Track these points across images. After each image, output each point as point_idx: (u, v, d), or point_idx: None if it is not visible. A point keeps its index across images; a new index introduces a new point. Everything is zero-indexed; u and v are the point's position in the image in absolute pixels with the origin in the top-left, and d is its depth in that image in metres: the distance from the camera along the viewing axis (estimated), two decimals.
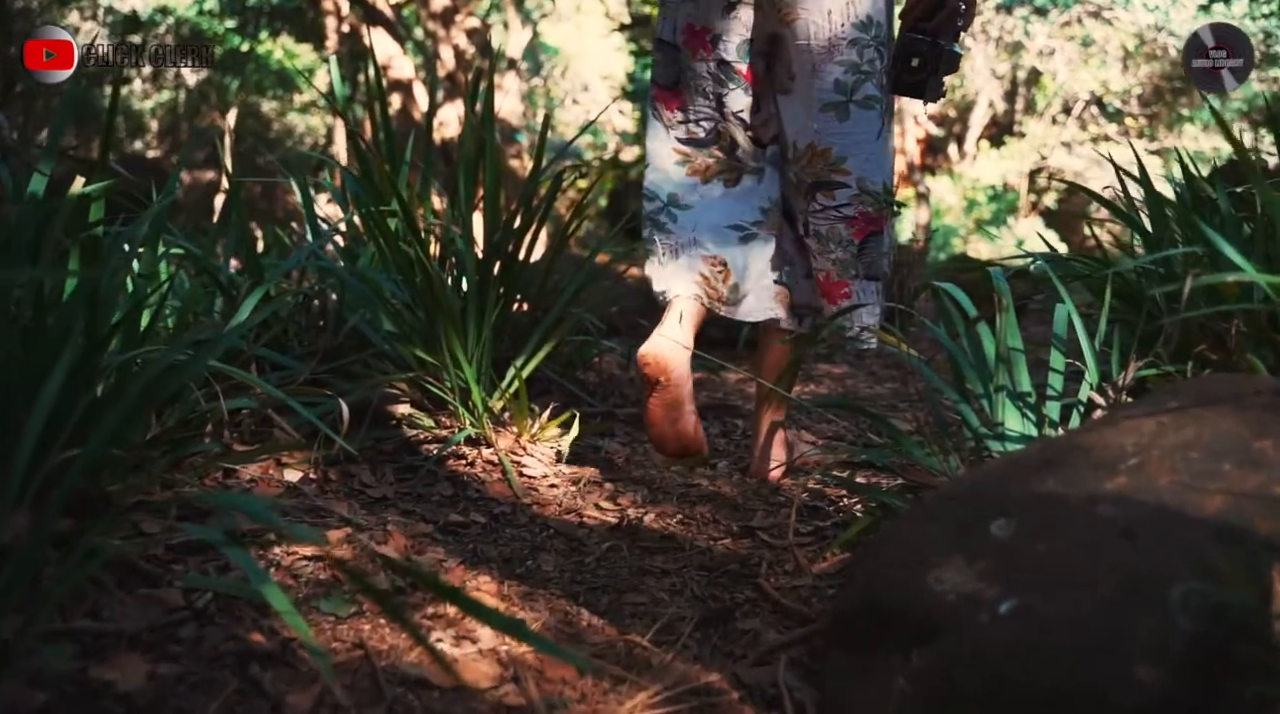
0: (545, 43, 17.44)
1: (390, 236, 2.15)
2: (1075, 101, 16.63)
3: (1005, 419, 1.45)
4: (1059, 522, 0.98)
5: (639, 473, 2.07)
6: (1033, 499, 1.04)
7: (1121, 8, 15.56)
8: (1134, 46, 16.00)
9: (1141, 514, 0.94)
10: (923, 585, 0.99)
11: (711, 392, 3.06)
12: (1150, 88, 16.80)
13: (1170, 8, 15.60)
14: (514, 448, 2.10)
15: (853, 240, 1.90)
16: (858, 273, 1.92)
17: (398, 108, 9.67)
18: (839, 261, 1.92)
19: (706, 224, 1.96)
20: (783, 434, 2.09)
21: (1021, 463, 1.14)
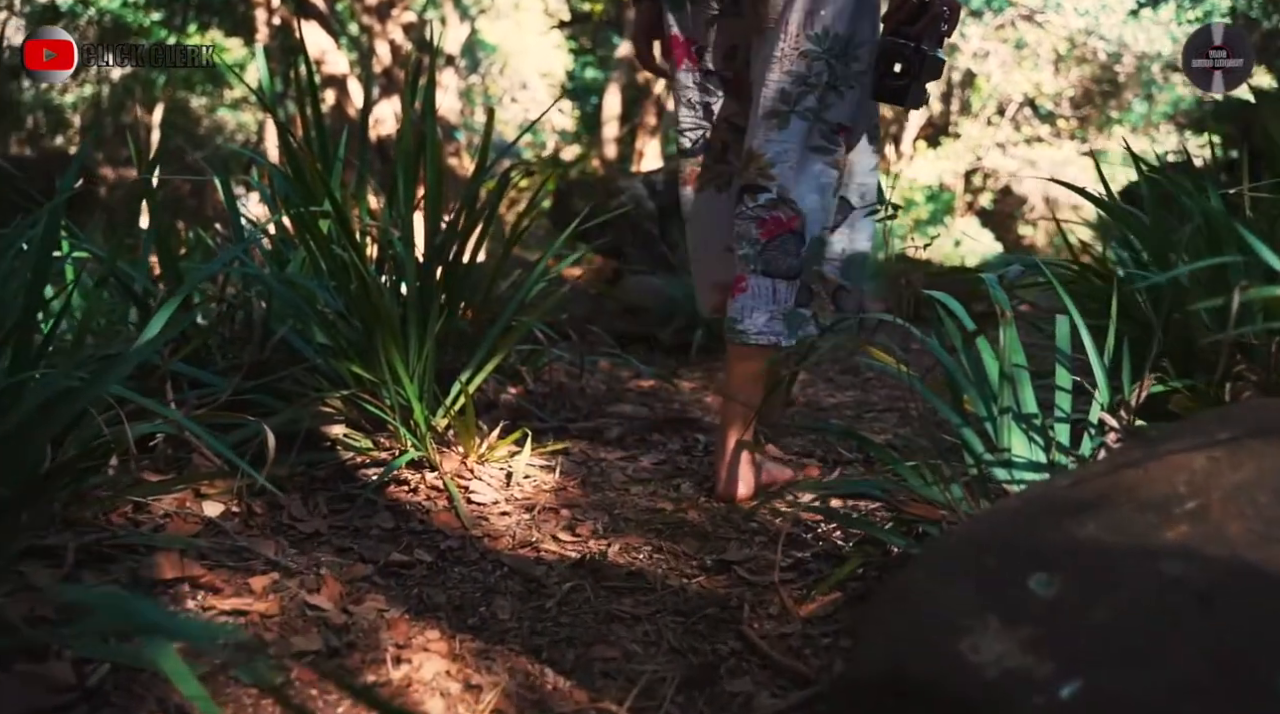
0: (483, 40, 17.17)
1: (322, 239, 1.95)
2: (1009, 103, 16.82)
3: (1012, 443, 1.31)
4: (1115, 579, 0.84)
5: (597, 496, 1.91)
6: (1076, 549, 0.90)
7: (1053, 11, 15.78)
8: (1065, 50, 16.25)
9: (1217, 573, 0.80)
10: (956, 655, 0.84)
11: (667, 403, 2.90)
12: (1081, 90, 17.07)
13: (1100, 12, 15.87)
14: (460, 471, 1.92)
15: (759, 239, 1.87)
16: (755, 268, 1.86)
17: (332, 104, 9.38)
18: (743, 257, 1.89)
19: (709, 248, 2.10)
20: (749, 452, 1.94)
21: (1051, 502, 1.00)
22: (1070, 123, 17.66)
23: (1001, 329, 1.33)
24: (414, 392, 1.89)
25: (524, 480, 1.95)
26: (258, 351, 1.95)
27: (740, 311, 1.87)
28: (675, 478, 2.08)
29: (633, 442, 2.38)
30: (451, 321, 2.23)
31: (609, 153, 12.83)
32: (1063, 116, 17.57)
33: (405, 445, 1.89)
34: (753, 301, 1.85)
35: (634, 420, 2.60)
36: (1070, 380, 1.38)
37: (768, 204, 1.85)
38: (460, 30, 12.65)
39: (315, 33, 8.98)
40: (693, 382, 3.43)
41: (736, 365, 1.91)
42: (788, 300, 1.86)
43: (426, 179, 2.21)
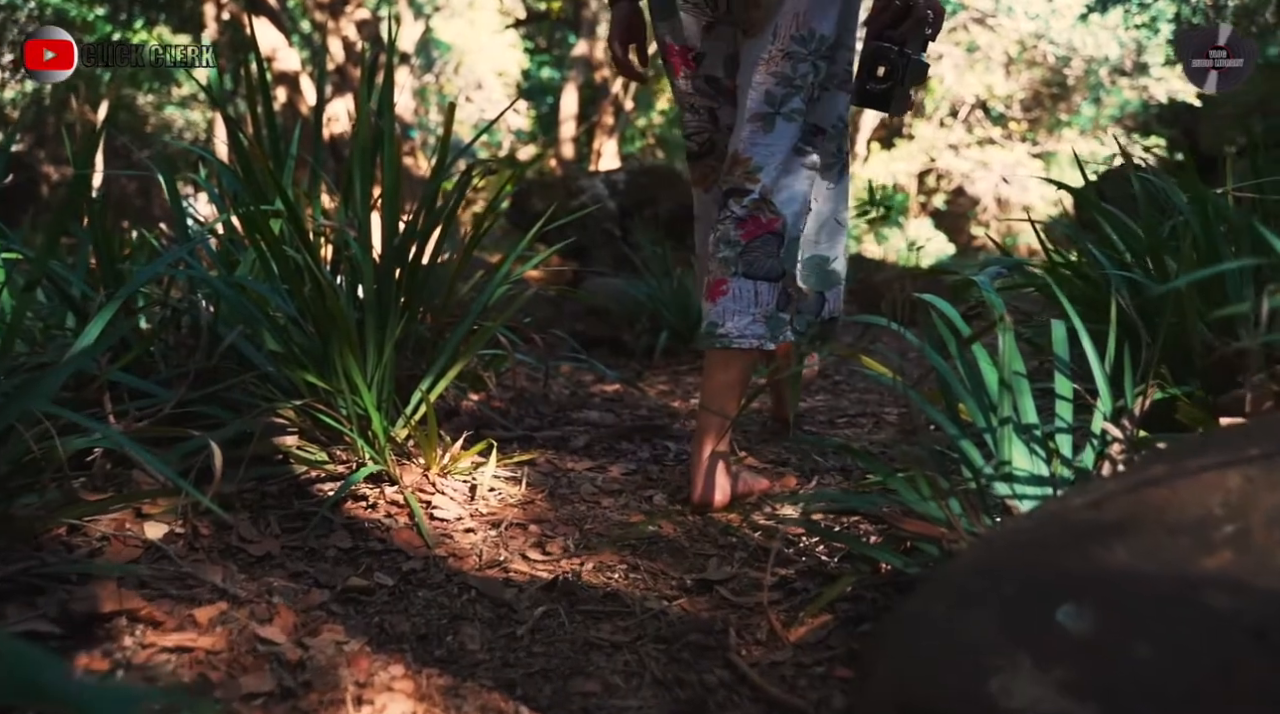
0: (438, 38, 16.98)
1: (273, 240, 1.84)
2: (962, 105, 16.95)
3: (1013, 456, 1.24)
4: (1154, 613, 0.77)
5: (566, 510, 1.82)
6: (1107, 578, 0.83)
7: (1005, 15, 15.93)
8: (1016, 53, 16.42)
9: (1270, 608, 0.73)
10: (985, 698, 0.76)
11: (633, 408, 2.82)
12: (1031, 93, 17.27)
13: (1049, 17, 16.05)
14: (422, 484, 1.82)
15: (740, 241, 1.83)
16: (737, 270, 1.82)
17: (283, 102, 9.19)
18: (723, 260, 1.84)
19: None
20: (725, 462, 1.86)
21: (1071, 524, 0.92)
22: (1021, 125, 17.86)
23: (1000, 335, 1.26)
24: (372, 401, 1.79)
25: (489, 493, 1.85)
26: (204, 359, 1.83)
27: (721, 315, 1.81)
28: (647, 489, 1.99)
29: (600, 450, 2.29)
30: (411, 326, 2.13)
31: (566, 152, 12.72)
32: (1014, 118, 17.76)
33: (363, 458, 1.79)
34: (734, 304, 1.81)
35: (601, 427, 2.51)
36: (1070, 388, 1.31)
37: (750, 205, 1.82)
38: (414, 28, 12.46)
39: (266, 29, 8.78)
40: (658, 385, 3.35)
41: (716, 370, 1.83)
42: (769, 303, 1.82)
43: (384, 177, 2.10)
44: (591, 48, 13.02)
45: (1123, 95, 16.67)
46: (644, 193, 4.89)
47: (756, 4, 1.85)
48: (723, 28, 1.95)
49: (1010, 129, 17.75)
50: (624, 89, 13.70)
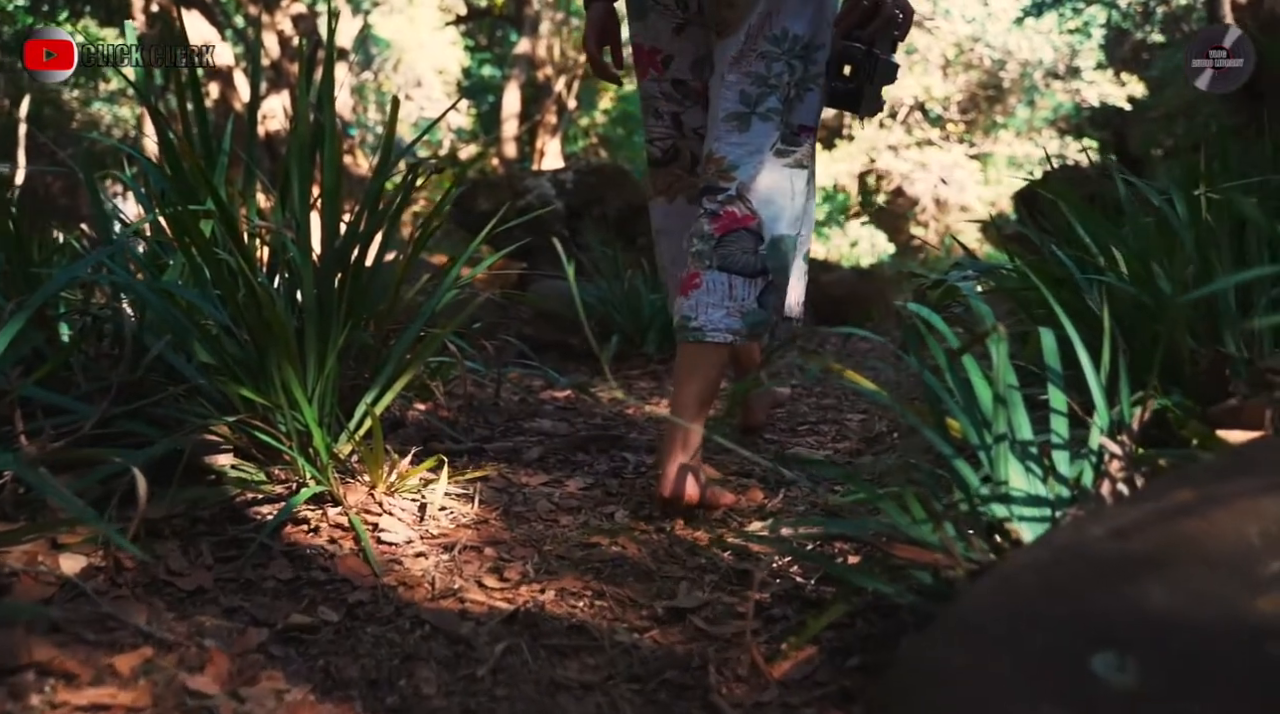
0: (376, 35, 16.69)
1: (203, 242, 1.71)
2: (901, 106, 17.10)
3: (1010, 476, 1.16)
4: (1206, 663, 0.69)
5: (523, 530, 1.71)
6: (1147, 622, 0.75)
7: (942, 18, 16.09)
8: (953, 55, 16.60)
9: None
10: None
11: (587, 417, 2.71)
12: (968, 95, 17.49)
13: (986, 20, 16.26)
14: (368, 504, 1.70)
15: (713, 235, 1.80)
16: (710, 263, 1.79)
17: (216, 98, 8.92)
18: (696, 253, 1.82)
19: (682, 263, 1.94)
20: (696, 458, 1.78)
21: (1095, 558, 0.84)
22: (958, 126, 18.08)
23: (992, 347, 1.18)
24: (313, 415, 1.66)
25: (440, 513, 1.74)
26: (128, 372, 1.69)
27: (694, 308, 1.77)
28: (607, 504, 1.89)
29: (555, 463, 2.18)
30: (354, 334, 2.01)
31: (509, 151, 12.56)
32: (951, 120, 17.98)
33: (304, 478, 1.67)
34: (707, 297, 1.77)
35: (554, 437, 2.40)
36: (1064, 402, 1.24)
37: (723, 201, 1.80)
38: (352, 24, 12.21)
39: (198, 23, 8.52)
40: (611, 390, 3.25)
41: (689, 363, 1.78)
42: (746, 297, 1.77)
43: (324, 176, 1.97)
44: (533, 45, 12.87)
45: (1056, 98, 16.95)
46: (592, 192, 4.78)
47: (730, 3, 1.82)
48: (693, 29, 1.91)
49: (948, 130, 17.96)
50: (567, 88, 13.58)
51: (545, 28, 13.09)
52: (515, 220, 2.70)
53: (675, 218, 2.07)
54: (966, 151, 17.84)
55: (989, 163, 17.95)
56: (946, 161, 17.39)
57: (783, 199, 1.81)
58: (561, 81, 13.48)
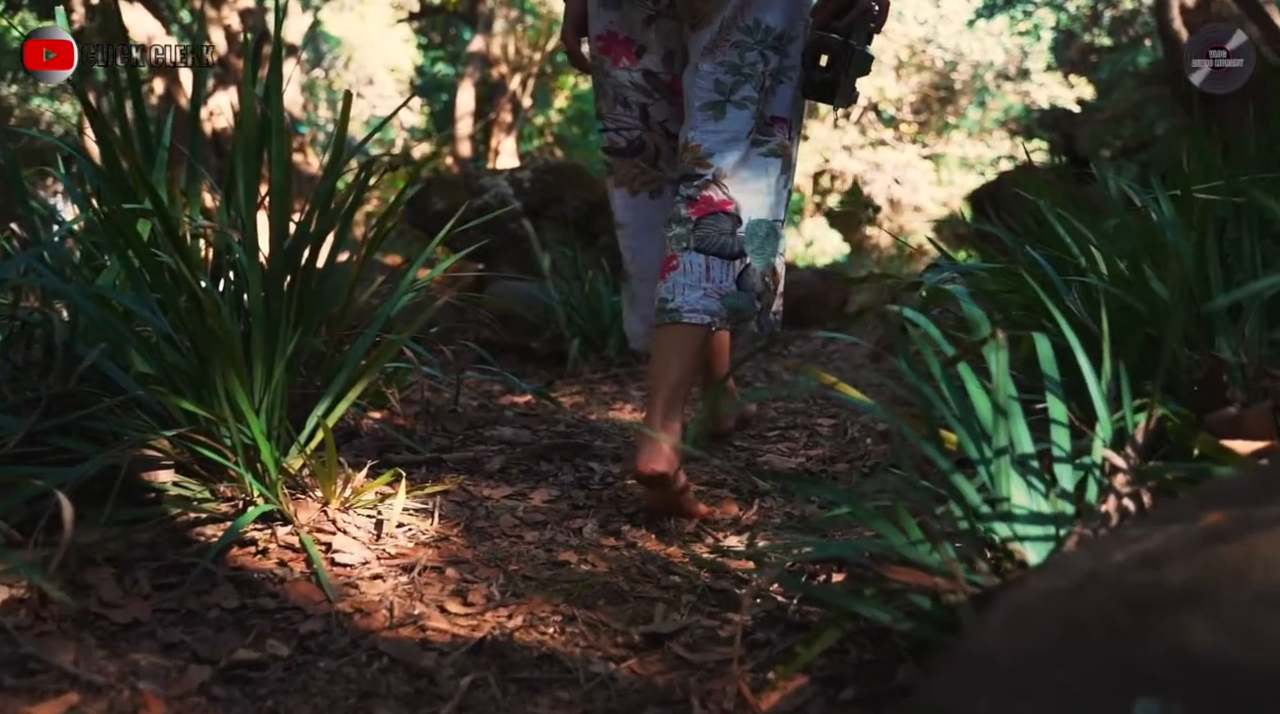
0: (327, 32, 16.43)
1: (140, 244, 1.59)
2: (855, 107, 17.16)
3: (1011, 492, 1.09)
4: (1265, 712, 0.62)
5: (486, 547, 1.62)
6: (1188, 663, 0.67)
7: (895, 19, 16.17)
8: (906, 57, 16.70)
9: None
10: None
11: (550, 424, 2.62)
12: (920, 96, 17.60)
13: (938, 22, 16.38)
14: (320, 522, 1.59)
15: (690, 218, 1.81)
16: (688, 245, 1.79)
17: (161, 94, 8.69)
18: (674, 237, 1.82)
19: (644, 260, 2.04)
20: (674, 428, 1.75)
21: (1126, 590, 0.77)
22: (911, 127, 18.20)
23: (991, 354, 1.11)
24: (260, 428, 1.55)
25: (398, 530, 1.64)
26: (60, 383, 1.58)
27: (671, 290, 1.77)
28: (573, 518, 1.80)
29: (518, 473, 2.09)
30: (305, 340, 1.90)
31: (463, 150, 12.40)
32: (904, 121, 18.08)
33: (251, 495, 1.56)
34: (684, 278, 1.76)
35: (516, 446, 2.31)
36: (1065, 412, 1.17)
37: (700, 185, 1.81)
38: (302, 20, 11.97)
39: (141, 16, 8.28)
40: (572, 396, 3.16)
41: (666, 346, 1.77)
42: (724, 279, 1.77)
43: (272, 173, 1.86)
44: (488, 43, 12.72)
45: (1007, 99, 17.08)
46: (550, 191, 4.68)
47: None
48: (664, 21, 1.90)
49: (901, 131, 18.06)
50: (522, 86, 13.45)
51: (500, 25, 12.94)
52: (474, 221, 2.60)
53: (637, 212, 2.04)
54: (920, 152, 17.96)
55: (941, 163, 18.08)
56: (900, 162, 17.49)
57: (759, 184, 1.82)
58: (516, 79, 13.34)
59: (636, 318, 2.11)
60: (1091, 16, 16.11)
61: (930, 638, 1.06)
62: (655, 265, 1.95)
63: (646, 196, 2.04)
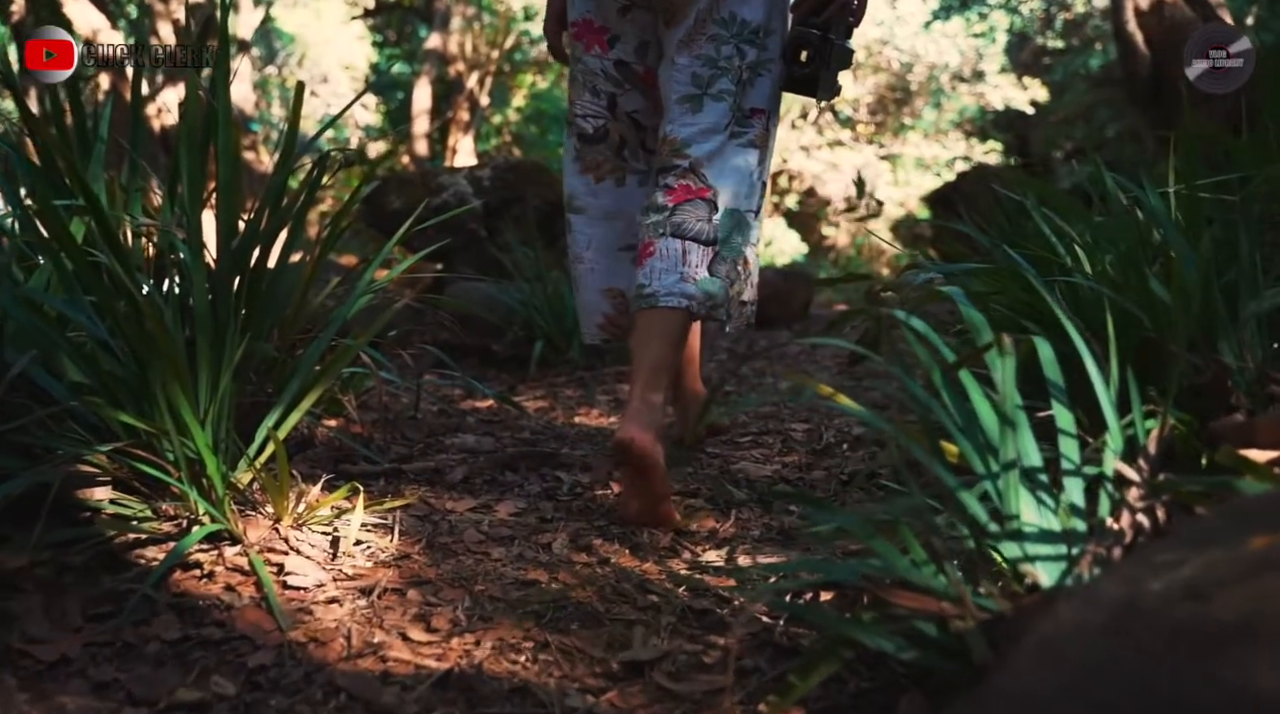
0: (280, 28, 16.15)
1: (72, 243, 1.48)
2: (812, 108, 17.19)
3: (1021, 509, 1.02)
4: None
5: (450, 566, 1.52)
6: (1250, 706, 0.60)
7: None
8: (863, 58, 16.75)
9: None
10: None
11: (514, 430, 2.52)
12: (877, 97, 17.68)
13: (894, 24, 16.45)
14: (271, 541, 1.49)
15: (667, 205, 1.81)
16: (664, 231, 1.79)
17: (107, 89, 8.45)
18: (651, 224, 1.82)
19: (602, 246, 2.01)
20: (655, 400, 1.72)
21: (1172, 625, 0.69)
22: (868, 128, 18.27)
23: (996, 362, 1.03)
24: (205, 440, 1.45)
25: (355, 548, 1.53)
26: None
27: (648, 276, 1.77)
28: (542, 532, 1.71)
29: (482, 484, 1.99)
30: (254, 345, 1.79)
31: (420, 149, 12.23)
32: (861, 121, 18.15)
33: (196, 513, 1.45)
34: (661, 263, 1.77)
35: (479, 454, 2.21)
36: (1072, 422, 1.10)
37: (678, 174, 1.82)
38: (253, 15, 11.73)
39: (85, 9, 8.04)
40: (536, 400, 3.06)
41: (644, 332, 1.76)
42: (699, 265, 1.77)
43: (219, 168, 1.75)
44: (444, 41, 12.55)
45: (962, 101, 17.20)
46: (511, 190, 4.56)
47: None
48: (639, 12, 1.89)
49: (858, 132, 18.13)
50: (479, 84, 13.30)
51: (457, 23, 12.77)
52: (432, 220, 2.50)
53: (599, 198, 2.01)
54: (876, 152, 18.03)
55: (898, 164, 18.17)
56: (857, 162, 17.55)
57: (736, 175, 1.83)
58: (474, 78, 13.19)
59: (588, 312, 2.07)
60: (1045, 19, 16.28)
61: (935, 667, 0.98)
62: (609, 253, 2.00)
63: (611, 183, 2.01)
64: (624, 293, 1.99)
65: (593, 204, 2.02)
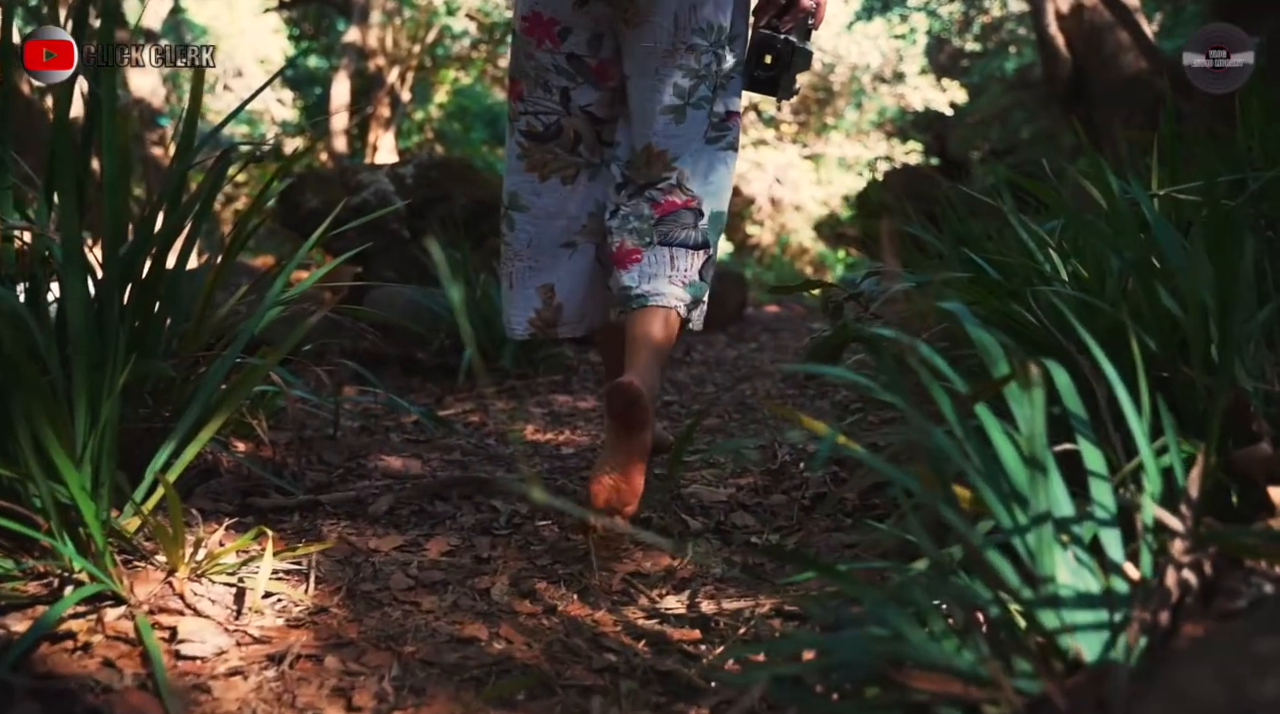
0: (191, 20, 15.57)
1: None
2: None
3: (1056, 570, 0.86)
4: None
5: (375, 621, 1.32)
6: None
7: None
8: None
9: None
10: None
11: (443, 451, 2.32)
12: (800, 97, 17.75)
13: None
14: (164, 598, 1.27)
15: (652, 215, 1.83)
16: (651, 240, 1.82)
17: None
18: (634, 231, 1.83)
19: (542, 244, 1.93)
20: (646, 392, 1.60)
21: None
22: (791, 127, 18.32)
23: (1026, 395, 0.88)
24: (81, 483, 1.23)
25: (264, 603, 1.33)
26: None
27: (636, 279, 1.79)
28: (479, 575, 1.52)
29: (409, 516, 1.80)
30: (147, 365, 1.57)
31: (338, 145, 11.85)
32: (784, 121, 18.20)
33: (71, 570, 1.23)
34: (650, 269, 1.79)
35: (406, 480, 2.01)
36: (1103, 462, 0.95)
37: (665, 189, 1.83)
38: (162, 5, 11.22)
39: None
40: (466, 414, 2.86)
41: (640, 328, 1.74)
42: (688, 269, 1.81)
43: (103, 162, 1.53)
44: (364, 34, 12.18)
45: (882, 101, 17.34)
46: (435, 188, 4.33)
47: None
48: (596, 5, 1.83)
49: (781, 132, 18.17)
50: (400, 79, 12.95)
51: (376, 16, 12.40)
52: (354, 222, 2.28)
53: (545, 197, 1.92)
54: (800, 152, 18.10)
55: (820, 163, 18.26)
56: (781, 162, 17.59)
57: (718, 179, 1.87)
58: (395, 73, 12.82)
59: (518, 306, 1.96)
60: (963, 22, 16.49)
61: None
62: (548, 250, 1.92)
63: (557, 182, 1.91)
64: (553, 288, 1.93)
65: (536, 203, 1.92)
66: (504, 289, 1.99)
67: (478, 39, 14.26)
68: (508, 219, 1.95)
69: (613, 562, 1.59)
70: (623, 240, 1.82)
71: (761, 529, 1.75)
